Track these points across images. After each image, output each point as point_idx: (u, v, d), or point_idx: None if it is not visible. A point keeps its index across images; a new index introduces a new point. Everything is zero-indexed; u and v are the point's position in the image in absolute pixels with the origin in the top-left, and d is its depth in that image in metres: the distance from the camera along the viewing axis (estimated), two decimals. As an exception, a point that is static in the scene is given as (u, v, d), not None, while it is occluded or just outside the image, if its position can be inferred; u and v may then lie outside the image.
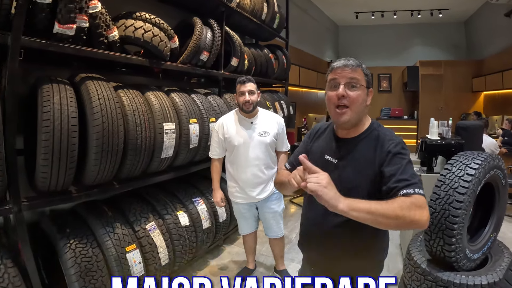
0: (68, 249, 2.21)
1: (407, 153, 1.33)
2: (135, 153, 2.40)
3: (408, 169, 1.27)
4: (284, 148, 2.89)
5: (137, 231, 2.61)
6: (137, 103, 2.47)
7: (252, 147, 2.70)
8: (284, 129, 2.88)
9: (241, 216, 2.98)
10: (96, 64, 2.61)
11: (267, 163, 2.76)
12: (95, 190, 2.36)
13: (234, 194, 2.87)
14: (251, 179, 2.74)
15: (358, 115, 1.38)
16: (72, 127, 2.02)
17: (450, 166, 2.31)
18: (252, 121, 2.74)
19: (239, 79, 2.70)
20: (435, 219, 2.18)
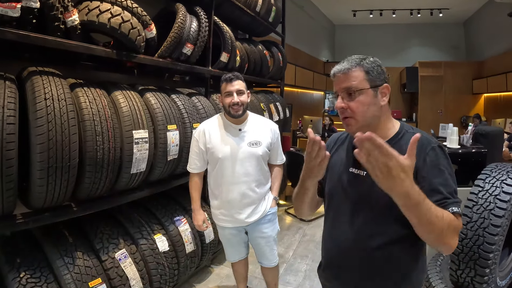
0: (17, 284, 1.82)
1: (448, 160, 1.15)
2: (94, 168, 1.91)
3: (451, 182, 1.11)
4: (278, 161, 2.41)
5: (104, 261, 2.16)
6: (99, 105, 1.99)
7: (240, 161, 2.20)
8: (279, 138, 2.39)
9: (227, 242, 2.48)
10: (53, 57, 2.14)
11: (258, 179, 2.26)
12: (46, 215, 1.87)
13: (218, 217, 2.36)
14: (239, 199, 2.23)
15: (368, 121, 1.17)
16: (8, 136, 1.57)
17: (482, 182, 2.01)
18: (240, 128, 2.24)
19: (224, 76, 2.21)
20: (465, 246, 1.90)
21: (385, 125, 1.21)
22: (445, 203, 1.06)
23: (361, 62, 1.18)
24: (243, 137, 2.23)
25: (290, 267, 3.33)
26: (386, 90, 1.18)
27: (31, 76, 1.78)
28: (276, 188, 2.40)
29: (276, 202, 2.40)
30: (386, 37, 11.53)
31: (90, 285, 1.99)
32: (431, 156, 1.12)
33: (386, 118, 1.21)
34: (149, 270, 2.38)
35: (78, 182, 1.90)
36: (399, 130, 1.22)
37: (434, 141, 1.16)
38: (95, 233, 2.25)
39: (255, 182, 2.25)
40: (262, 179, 2.30)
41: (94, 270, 2.04)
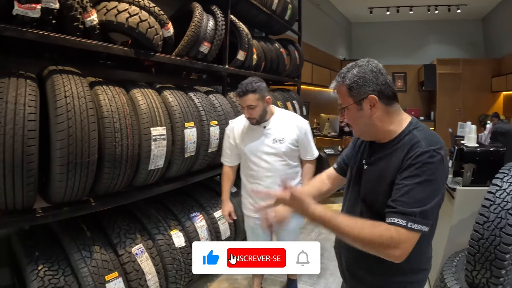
0: (35, 276, 1.86)
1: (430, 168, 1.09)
2: (113, 164, 1.95)
3: (416, 191, 1.08)
4: (308, 156, 2.43)
5: (121, 256, 2.20)
6: (118, 103, 2.03)
7: (264, 156, 2.30)
8: (308, 133, 2.40)
9: (251, 232, 2.56)
10: (73, 56, 2.19)
11: (283, 174, 2.30)
12: (65, 209, 1.92)
13: (247, 206, 2.49)
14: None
15: (362, 130, 1.27)
16: (29, 132, 1.62)
17: (500, 181, 1.96)
18: (265, 126, 2.32)
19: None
20: (482, 246, 1.86)
21: (384, 130, 1.22)
22: (389, 213, 1.09)
23: (344, 77, 1.21)
24: (268, 134, 2.31)
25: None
26: (373, 101, 1.18)
27: (51, 74, 1.83)
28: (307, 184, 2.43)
29: None
30: (403, 34, 11.30)
31: (107, 279, 2.03)
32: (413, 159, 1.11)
33: (384, 124, 1.21)
34: (165, 265, 2.41)
35: (97, 177, 1.95)
36: (400, 132, 1.20)
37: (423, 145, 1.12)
38: (112, 228, 2.29)
39: (280, 177, 2.23)
40: (290, 173, 2.36)
41: (111, 264, 2.09)
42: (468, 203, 2.34)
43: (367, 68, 1.20)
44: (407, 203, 1.07)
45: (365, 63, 1.21)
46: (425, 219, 1.07)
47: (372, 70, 1.19)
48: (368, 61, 1.22)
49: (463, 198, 2.42)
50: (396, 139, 1.20)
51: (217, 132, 2.69)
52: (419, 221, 1.06)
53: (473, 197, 2.23)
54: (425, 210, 1.07)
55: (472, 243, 1.87)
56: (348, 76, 1.20)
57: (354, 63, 1.23)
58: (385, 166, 1.19)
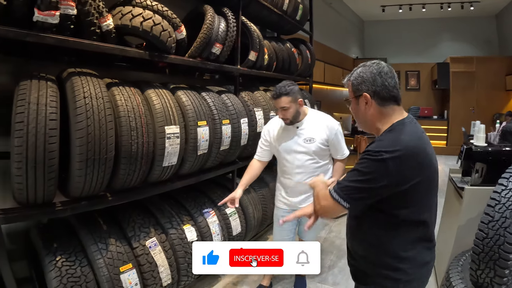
0: (53, 267, 1.95)
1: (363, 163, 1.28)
2: (129, 161, 2.06)
3: (348, 175, 1.33)
4: (339, 156, 2.58)
5: (135, 248, 2.30)
6: (133, 103, 2.13)
7: (296, 154, 2.49)
8: (339, 133, 2.54)
9: (277, 222, 2.68)
10: (90, 59, 2.30)
11: (312, 171, 2.49)
12: (83, 203, 2.03)
13: (278, 198, 2.70)
14: (295, 186, 2.55)
15: (362, 122, 1.44)
16: (51, 131, 1.72)
17: (506, 181, 1.97)
18: (298, 126, 2.50)
19: (272, 92, 2.44)
20: (486, 245, 1.87)
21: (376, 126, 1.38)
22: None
23: (352, 74, 1.39)
24: (300, 134, 2.49)
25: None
26: (366, 99, 1.34)
27: (70, 76, 1.93)
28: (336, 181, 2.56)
29: None
30: (416, 32, 11.17)
31: (121, 270, 2.12)
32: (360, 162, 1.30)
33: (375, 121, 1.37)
34: (177, 258, 2.50)
35: (113, 173, 2.05)
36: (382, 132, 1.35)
37: (374, 146, 1.28)
38: (127, 222, 2.40)
39: (309, 174, 2.48)
40: (317, 171, 2.50)
41: (125, 256, 2.18)
42: (476, 202, 2.32)
43: (368, 69, 1.33)
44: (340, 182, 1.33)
45: (369, 65, 1.35)
46: (341, 192, 1.30)
47: (372, 72, 1.33)
48: (373, 64, 1.35)
49: (471, 198, 2.42)
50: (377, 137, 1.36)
51: (229, 131, 2.77)
52: (337, 192, 1.30)
53: (481, 196, 2.22)
54: (343, 186, 1.30)
55: (476, 242, 1.88)
56: (353, 74, 1.38)
57: (363, 64, 1.37)
58: None
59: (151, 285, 2.31)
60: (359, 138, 5.02)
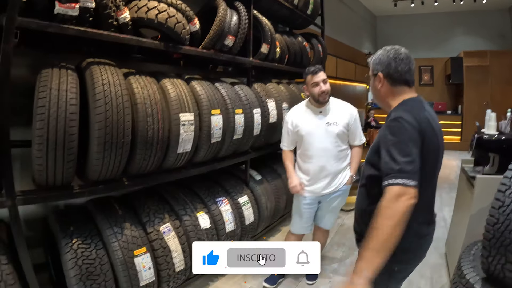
0: (69, 249, 2.02)
1: (393, 133, 1.34)
2: (145, 146, 2.13)
3: (391, 155, 1.29)
4: (357, 141, 2.69)
5: (150, 233, 2.37)
6: (149, 90, 2.21)
7: (319, 137, 2.57)
8: (357, 120, 2.70)
9: (298, 212, 2.76)
10: (107, 50, 2.37)
11: (335, 155, 2.60)
12: (101, 187, 2.12)
13: None
14: (318, 171, 2.60)
15: (376, 99, 1.63)
16: (71, 115, 1.81)
17: None
18: (321, 111, 2.61)
19: (308, 69, 2.60)
20: (497, 231, 1.81)
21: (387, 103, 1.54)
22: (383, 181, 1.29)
23: (373, 56, 1.55)
24: (323, 118, 2.59)
25: (326, 253, 3.38)
26: (379, 78, 1.50)
27: (89, 65, 2.03)
28: (354, 167, 2.71)
29: (352, 180, 2.71)
30: (429, 26, 10.97)
31: (135, 253, 2.19)
32: (382, 130, 1.40)
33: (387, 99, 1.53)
34: (190, 244, 2.53)
35: (130, 158, 2.12)
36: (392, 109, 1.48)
37: (393, 115, 1.39)
38: (143, 208, 2.46)
39: (332, 157, 2.59)
40: (339, 155, 2.62)
41: (140, 240, 2.25)
42: (488, 192, 2.27)
43: (386, 54, 1.50)
44: (385, 165, 1.30)
45: (389, 50, 1.51)
46: (402, 172, 1.24)
47: (389, 56, 1.48)
48: (392, 49, 1.50)
49: (483, 187, 2.39)
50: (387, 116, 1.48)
51: (242, 120, 2.83)
52: (397, 176, 1.24)
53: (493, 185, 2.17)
54: (401, 166, 1.25)
55: (487, 228, 1.83)
56: (375, 55, 1.55)
57: (384, 48, 1.53)
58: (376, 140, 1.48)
59: (164, 269, 2.37)
60: (371, 131, 5.02)
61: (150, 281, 2.26)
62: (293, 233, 2.83)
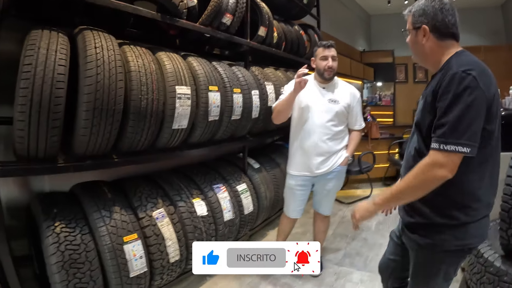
0: (51, 232, 1.82)
1: (458, 89, 1.16)
2: (138, 118, 1.95)
3: (447, 113, 1.16)
4: (357, 126, 2.65)
5: (141, 219, 2.17)
6: (144, 60, 2.05)
7: (318, 112, 2.49)
8: (360, 103, 2.66)
9: (292, 194, 2.68)
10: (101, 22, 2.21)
11: (332, 133, 2.51)
12: (88, 162, 1.92)
13: (292, 163, 2.64)
14: (312, 147, 2.51)
15: (417, 56, 1.43)
16: (59, 75, 1.65)
17: None
18: (324, 87, 2.56)
19: (321, 42, 2.58)
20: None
21: (434, 59, 1.36)
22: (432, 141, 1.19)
23: (413, 7, 1.38)
24: (325, 94, 2.53)
25: (330, 245, 3.26)
26: (423, 31, 1.33)
27: (82, 31, 1.88)
28: (351, 148, 2.63)
29: (347, 161, 2.62)
30: None
31: (125, 240, 1.99)
32: (443, 84, 1.20)
33: (434, 54, 1.35)
34: (186, 233, 2.37)
35: (121, 131, 1.94)
36: (444, 62, 1.31)
37: (455, 68, 1.20)
38: (134, 191, 2.27)
39: (328, 135, 2.50)
40: (336, 135, 2.53)
41: (130, 225, 2.05)
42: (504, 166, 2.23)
43: (431, 4, 1.32)
44: (440, 127, 1.17)
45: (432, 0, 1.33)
46: (459, 139, 1.13)
47: (434, 7, 1.31)
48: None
49: None
50: (441, 68, 1.30)
51: (240, 100, 2.68)
52: (451, 142, 1.13)
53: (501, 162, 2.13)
54: (457, 130, 1.13)
55: (505, 198, 1.75)
56: (415, 6, 1.37)
57: (412, 5, 1.38)
58: (428, 90, 1.30)
59: (158, 259, 2.17)
60: (370, 123, 4.94)
61: (142, 272, 2.06)
62: (287, 216, 2.76)
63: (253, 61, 3.47)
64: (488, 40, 10.27)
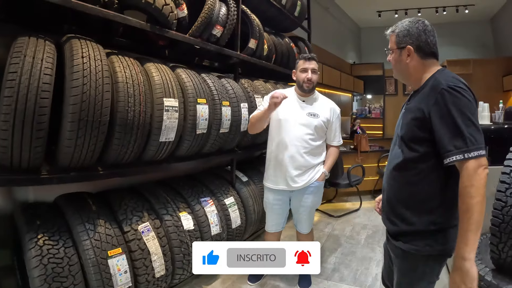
0: (34, 244, 1.78)
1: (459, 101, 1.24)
2: (124, 130, 1.91)
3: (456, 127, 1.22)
4: (335, 142, 2.63)
5: (126, 232, 2.13)
6: (132, 71, 2.02)
7: (296, 125, 2.47)
8: (339, 119, 2.64)
9: (270, 209, 2.65)
10: (90, 30, 2.19)
11: (310, 147, 2.48)
12: (72, 174, 1.87)
13: (269, 177, 2.59)
14: (288, 161, 2.46)
15: (400, 74, 1.52)
16: (44, 85, 1.62)
17: None
18: (304, 100, 2.55)
19: (303, 55, 2.56)
20: (506, 214, 1.76)
21: (416, 77, 1.45)
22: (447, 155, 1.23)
23: (397, 27, 1.47)
24: (304, 107, 2.52)
25: (319, 259, 3.20)
26: (408, 51, 1.42)
27: (70, 39, 1.85)
28: (329, 164, 2.61)
29: (324, 176, 2.58)
30: None
31: (110, 254, 1.95)
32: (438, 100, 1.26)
33: (417, 72, 1.44)
34: (172, 247, 2.33)
35: (107, 143, 1.91)
36: (428, 78, 1.40)
37: (444, 84, 1.27)
38: (119, 204, 2.24)
39: (306, 148, 2.47)
40: (314, 149, 2.51)
41: (115, 239, 2.01)
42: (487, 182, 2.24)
43: (415, 25, 1.42)
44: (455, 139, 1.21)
45: (415, 21, 1.43)
46: (476, 144, 1.20)
47: (418, 28, 1.41)
48: (418, 21, 1.44)
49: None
50: (424, 84, 1.40)
51: (228, 113, 2.65)
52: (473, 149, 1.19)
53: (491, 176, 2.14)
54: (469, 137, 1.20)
55: (495, 213, 1.78)
56: (399, 27, 1.46)
57: (407, 19, 1.47)
58: (414, 105, 1.39)
59: (143, 274, 2.13)
60: (359, 136, 4.97)
61: (127, 287, 2.01)
62: (267, 232, 2.71)
63: (243, 73, 3.48)
64: (476, 53, 10.49)
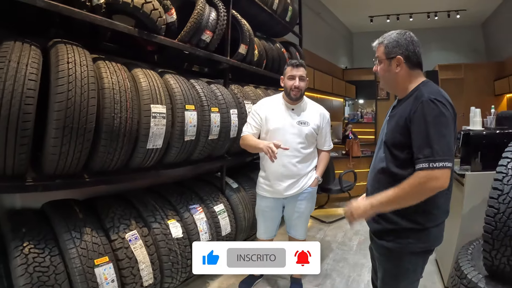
0: (19, 253, 1.75)
1: (430, 113, 1.33)
2: (110, 137, 1.88)
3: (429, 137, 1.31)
4: (326, 146, 2.63)
5: (113, 241, 2.10)
6: (119, 77, 1.99)
7: (287, 135, 2.44)
8: (329, 124, 2.65)
9: (262, 215, 2.64)
10: (77, 35, 2.16)
11: (302, 155, 2.47)
12: (58, 181, 1.84)
13: (261, 185, 2.59)
14: (280, 170, 2.46)
15: (387, 84, 1.58)
16: (28, 91, 1.59)
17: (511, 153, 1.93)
18: (293, 108, 2.52)
19: (291, 61, 2.53)
20: (499, 221, 1.77)
21: (403, 87, 1.52)
22: (416, 162, 1.33)
23: (385, 38, 1.52)
24: (294, 116, 2.49)
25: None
26: (399, 61, 1.48)
27: (56, 44, 1.82)
28: (321, 169, 2.60)
29: (317, 182, 2.58)
30: None
31: (96, 263, 1.92)
32: (418, 110, 1.35)
33: (404, 82, 1.51)
34: (160, 256, 2.29)
35: (92, 150, 1.88)
36: (413, 89, 1.48)
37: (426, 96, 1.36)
38: (106, 212, 2.20)
39: (298, 157, 2.46)
40: (306, 157, 2.50)
41: (102, 247, 1.98)
42: (479, 189, 2.26)
43: (403, 37, 1.49)
44: (424, 147, 1.30)
45: (403, 33, 1.50)
46: (443, 156, 1.28)
47: (406, 39, 1.48)
48: (405, 33, 1.51)
49: (473, 184, 2.36)
50: (409, 94, 1.48)
51: (218, 119, 2.62)
52: (439, 160, 1.28)
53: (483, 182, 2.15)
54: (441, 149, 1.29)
55: (487, 220, 1.78)
56: (387, 38, 1.51)
57: (395, 31, 1.53)
58: (398, 114, 1.47)
59: (130, 283, 2.09)
60: (351, 141, 4.98)
61: (114, 296, 1.96)
62: (259, 238, 2.70)
63: (233, 79, 3.46)
64: (468, 58, 10.58)
